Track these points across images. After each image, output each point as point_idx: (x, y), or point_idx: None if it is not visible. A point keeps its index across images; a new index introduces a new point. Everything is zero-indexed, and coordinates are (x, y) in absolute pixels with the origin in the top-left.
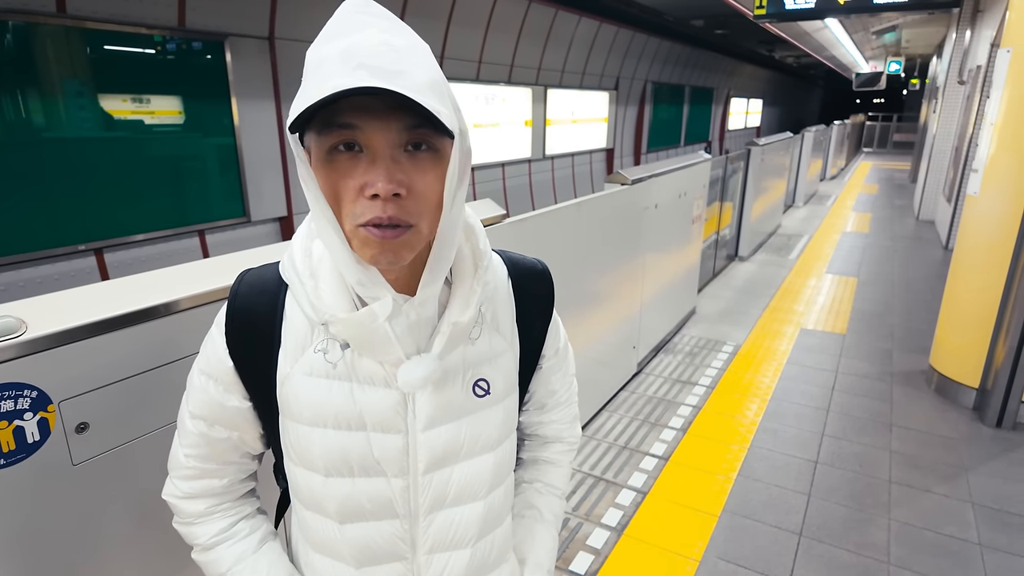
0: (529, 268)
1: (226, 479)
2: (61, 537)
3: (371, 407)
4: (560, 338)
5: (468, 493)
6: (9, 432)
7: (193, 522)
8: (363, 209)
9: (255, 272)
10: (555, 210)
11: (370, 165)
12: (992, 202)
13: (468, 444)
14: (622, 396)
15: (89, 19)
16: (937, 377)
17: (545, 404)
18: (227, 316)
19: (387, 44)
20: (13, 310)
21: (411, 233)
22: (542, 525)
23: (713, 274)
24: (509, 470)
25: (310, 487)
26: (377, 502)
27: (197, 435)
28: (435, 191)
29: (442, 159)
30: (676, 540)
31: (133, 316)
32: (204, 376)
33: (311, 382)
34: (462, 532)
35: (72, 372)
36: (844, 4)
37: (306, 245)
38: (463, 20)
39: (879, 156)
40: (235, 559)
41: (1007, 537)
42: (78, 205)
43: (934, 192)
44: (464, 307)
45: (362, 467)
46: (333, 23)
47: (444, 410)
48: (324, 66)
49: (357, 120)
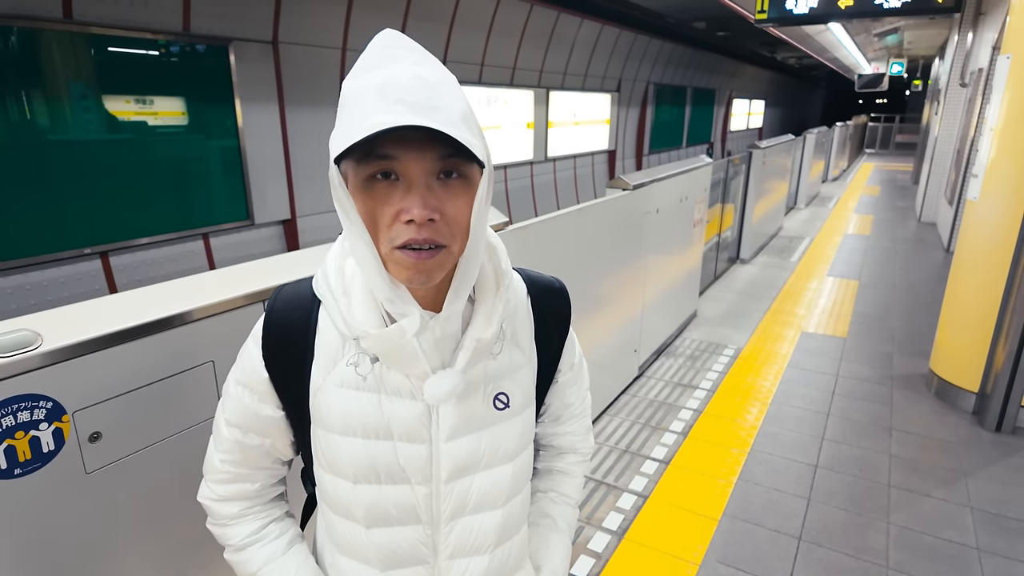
0: (547, 286)
1: (258, 483)
2: (75, 543)
3: (398, 418)
4: (576, 353)
5: (488, 501)
6: (25, 442)
7: (227, 524)
8: (399, 233)
9: (290, 287)
10: (557, 216)
11: (406, 192)
12: (992, 207)
13: (488, 455)
14: (623, 400)
15: (95, 24)
16: (937, 381)
17: (560, 416)
18: (264, 329)
19: (420, 78)
20: (29, 323)
21: (443, 254)
22: (556, 534)
23: (714, 277)
24: (527, 480)
25: (339, 493)
26: (402, 508)
27: (232, 441)
28: (465, 215)
29: (471, 185)
30: (676, 544)
31: (145, 328)
32: (240, 386)
33: (342, 393)
34: (482, 539)
35: (86, 383)
36: (845, 9)
37: (339, 263)
38: (466, 23)
39: (881, 157)
40: (265, 560)
41: (1005, 542)
42: (84, 209)
43: (936, 194)
44: (487, 324)
45: (388, 475)
46: (367, 56)
47: (466, 422)
48: (361, 100)
49: (395, 151)
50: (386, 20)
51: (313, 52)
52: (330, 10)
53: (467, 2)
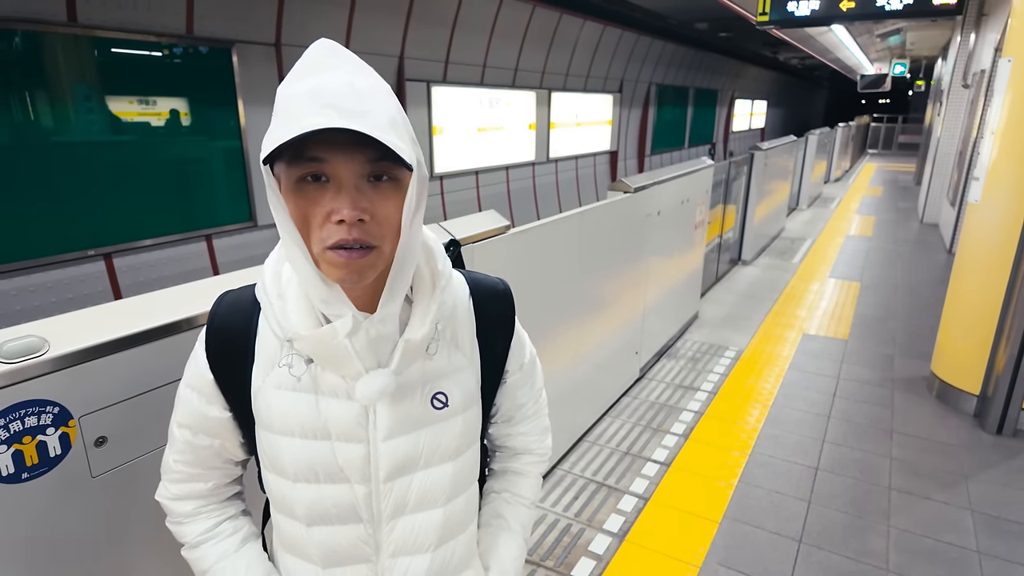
0: (490, 288)
1: (211, 483)
2: (81, 546)
3: (334, 418)
4: (525, 353)
5: (428, 500)
6: (32, 447)
7: (182, 521)
8: (330, 233)
9: (233, 294)
10: (558, 219)
11: (336, 193)
12: (993, 209)
13: (427, 454)
14: (624, 401)
15: (99, 28)
16: (938, 383)
17: (512, 417)
18: (207, 334)
19: (351, 85)
20: (36, 329)
21: (374, 254)
22: (508, 534)
23: (716, 278)
24: (471, 480)
25: (280, 491)
26: (341, 507)
27: (183, 442)
28: (395, 216)
29: (401, 188)
30: (677, 546)
31: (150, 333)
32: (188, 389)
33: (280, 394)
34: (422, 537)
35: (92, 388)
36: (847, 11)
37: (276, 268)
38: (468, 25)
39: (884, 158)
40: (217, 557)
41: (1006, 545)
42: (88, 211)
43: (938, 196)
44: (420, 325)
45: (327, 474)
46: (301, 65)
47: (403, 422)
48: (294, 104)
49: (325, 154)
50: (388, 21)
51: None
52: (333, 12)
53: (469, 4)
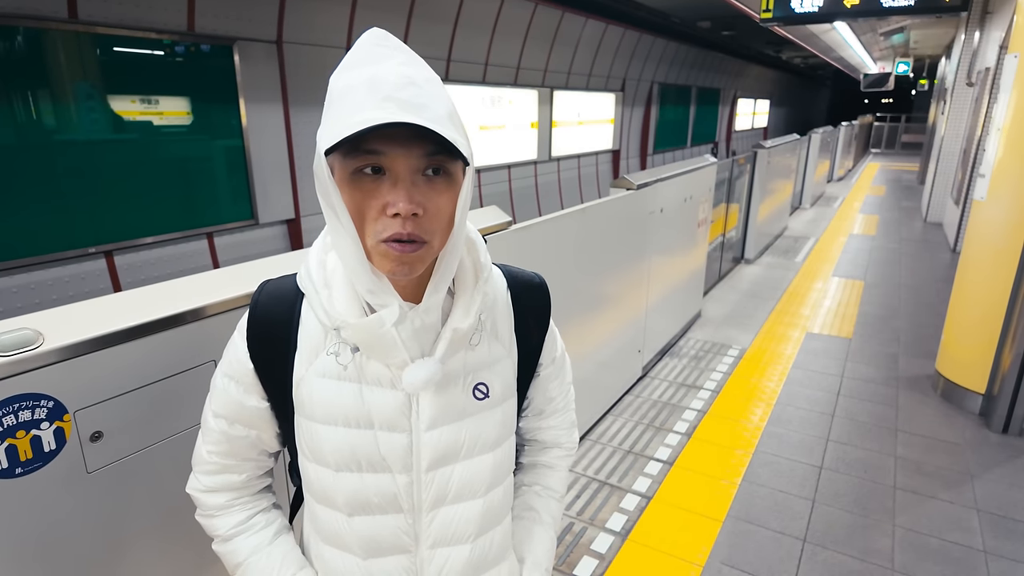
0: (527, 281)
1: (244, 475)
2: (76, 543)
3: (378, 407)
4: (557, 347)
5: (468, 491)
6: (27, 441)
7: (214, 514)
8: (385, 226)
9: (274, 283)
10: (560, 216)
11: (392, 187)
12: (999, 207)
13: (468, 444)
14: (627, 400)
15: (100, 24)
16: (943, 382)
17: (543, 410)
18: (248, 322)
19: (407, 77)
20: (30, 322)
21: (425, 249)
22: (540, 526)
23: (719, 276)
24: (508, 471)
25: (321, 481)
26: (383, 497)
27: (219, 433)
28: (446, 211)
29: (454, 182)
30: (680, 545)
31: (147, 327)
32: (226, 378)
33: (324, 383)
34: (463, 528)
35: (87, 382)
36: (851, 7)
37: (321, 258)
38: (470, 23)
39: (887, 157)
40: (251, 550)
41: (1012, 544)
42: (89, 208)
43: (942, 194)
44: (465, 315)
45: (369, 463)
46: (355, 53)
47: (446, 411)
48: (352, 95)
49: (383, 147)
50: (390, 19)
51: (317, 52)
52: (334, 10)
53: (471, 1)
